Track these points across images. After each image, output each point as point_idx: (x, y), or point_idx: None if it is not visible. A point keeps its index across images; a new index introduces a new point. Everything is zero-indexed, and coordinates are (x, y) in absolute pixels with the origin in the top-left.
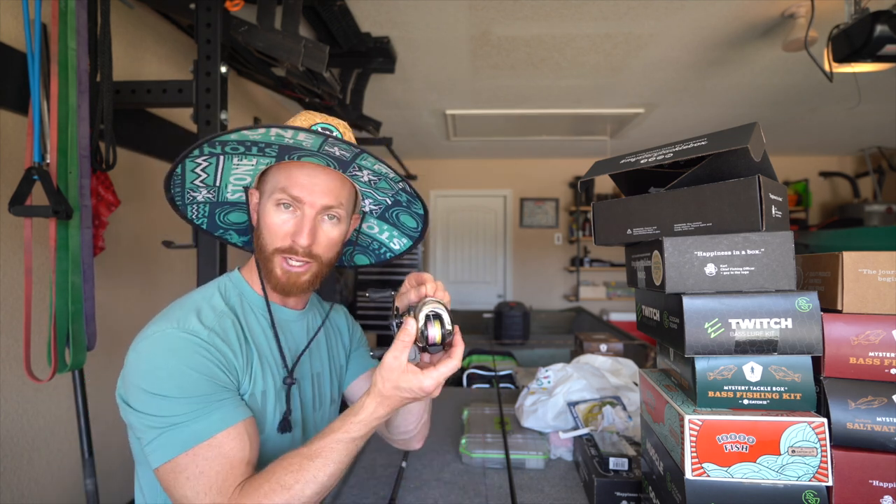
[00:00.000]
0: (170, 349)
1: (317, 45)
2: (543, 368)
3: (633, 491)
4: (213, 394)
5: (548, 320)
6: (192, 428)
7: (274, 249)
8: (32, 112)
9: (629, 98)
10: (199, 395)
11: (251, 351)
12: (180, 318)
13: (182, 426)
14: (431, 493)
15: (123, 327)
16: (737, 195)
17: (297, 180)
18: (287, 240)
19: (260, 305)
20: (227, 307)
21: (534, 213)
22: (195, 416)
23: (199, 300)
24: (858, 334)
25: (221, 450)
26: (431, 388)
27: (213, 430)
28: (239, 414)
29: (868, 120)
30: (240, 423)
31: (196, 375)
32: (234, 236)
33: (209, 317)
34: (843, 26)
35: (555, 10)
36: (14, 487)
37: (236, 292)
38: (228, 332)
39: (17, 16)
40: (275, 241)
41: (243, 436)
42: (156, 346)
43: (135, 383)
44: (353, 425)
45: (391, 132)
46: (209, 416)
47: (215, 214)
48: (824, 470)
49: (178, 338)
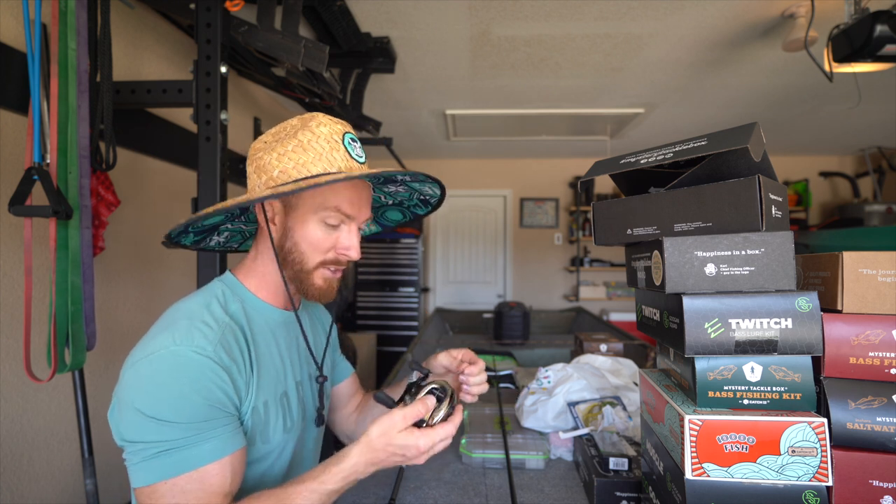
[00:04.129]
0: (172, 370)
1: (317, 45)
2: (543, 368)
3: (633, 491)
4: (210, 420)
5: (548, 320)
6: (179, 455)
7: (318, 263)
8: (32, 112)
9: (629, 98)
10: (196, 421)
11: (256, 361)
12: (182, 334)
13: (170, 453)
14: (431, 493)
15: (123, 327)
16: (737, 195)
17: (347, 198)
18: (332, 253)
19: (264, 311)
20: (228, 316)
21: (534, 213)
22: (186, 443)
23: (197, 310)
24: (858, 334)
25: (203, 483)
26: (424, 449)
27: (202, 461)
28: (231, 445)
29: (868, 120)
30: (229, 456)
31: (197, 400)
32: (190, 237)
33: (212, 331)
34: (843, 26)
35: (555, 10)
36: (14, 487)
37: (236, 299)
38: (232, 346)
39: (17, 16)
40: (318, 256)
41: (227, 469)
42: (157, 366)
43: (131, 405)
44: (331, 475)
45: (391, 132)
46: (200, 446)
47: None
48: (824, 470)
49: (181, 357)
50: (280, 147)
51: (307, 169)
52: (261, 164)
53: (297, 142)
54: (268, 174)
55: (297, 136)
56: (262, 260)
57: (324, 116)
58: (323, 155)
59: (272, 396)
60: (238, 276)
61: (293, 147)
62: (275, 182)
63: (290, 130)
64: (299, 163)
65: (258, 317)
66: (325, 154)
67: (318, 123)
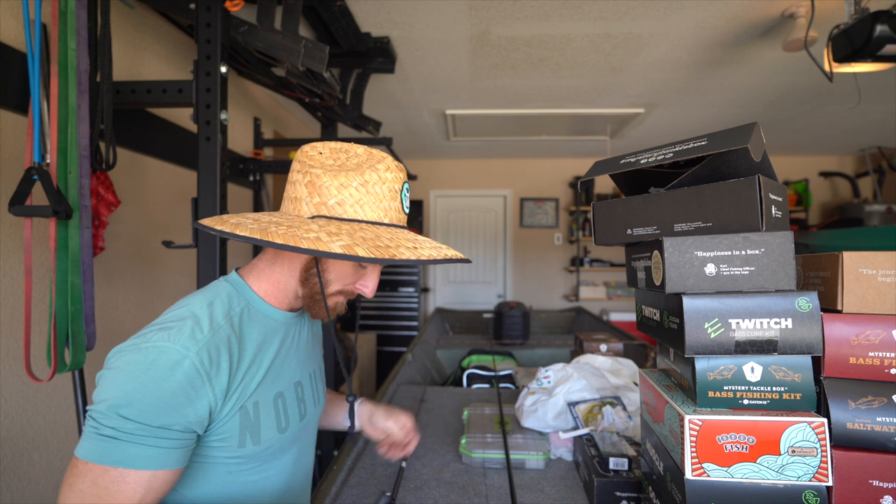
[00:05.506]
0: (152, 365)
1: (317, 45)
2: (543, 368)
3: (633, 491)
4: (164, 429)
5: (548, 320)
6: (114, 446)
7: (337, 291)
8: (32, 112)
9: (629, 98)
10: (150, 424)
11: (247, 364)
12: (174, 331)
13: (112, 441)
14: (431, 493)
15: (123, 327)
16: (737, 195)
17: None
18: (353, 286)
19: (268, 313)
20: (227, 318)
21: (534, 213)
22: (130, 439)
23: (197, 310)
24: (858, 334)
25: (112, 486)
26: None
27: (126, 462)
28: (164, 462)
29: (868, 120)
30: (153, 472)
31: (161, 405)
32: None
33: (202, 333)
34: (843, 26)
35: (555, 10)
36: (14, 487)
37: (241, 301)
38: (220, 350)
39: (17, 16)
40: (339, 286)
41: (143, 484)
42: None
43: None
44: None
45: (391, 132)
46: (136, 448)
47: None
48: (824, 470)
49: (164, 354)
50: (343, 177)
51: (363, 211)
52: (318, 184)
53: (362, 180)
54: (322, 198)
55: (364, 174)
56: (280, 269)
57: (391, 160)
58: (382, 203)
59: (264, 397)
60: (247, 279)
61: (357, 184)
62: (328, 211)
63: (356, 161)
64: (358, 202)
65: (260, 319)
66: (384, 202)
67: (387, 168)
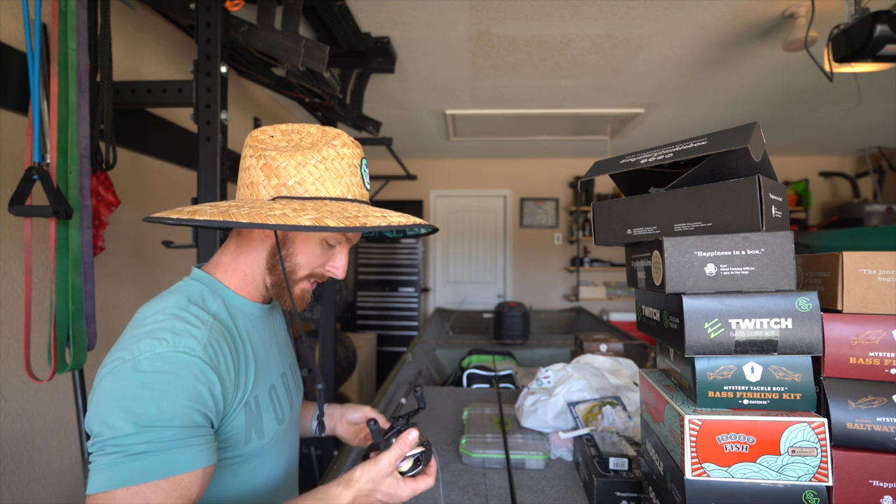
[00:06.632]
0: (161, 372)
1: (317, 45)
2: (543, 368)
3: (633, 491)
4: (196, 427)
5: (548, 320)
6: (154, 460)
7: (305, 276)
8: (32, 112)
9: (629, 98)
10: (182, 426)
11: (244, 357)
12: (168, 336)
13: (144, 456)
14: (431, 492)
15: (123, 327)
16: (737, 195)
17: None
18: (322, 268)
19: (245, 307)
20: (210, 316)
21: (534, 213)
22: (166, 447)
23: (177, 312)
24: (858, 334)
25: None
26: (405, 497)
27: (178, 469)
28: (209, 457)
29: (868, 120)
30: (202, 469)
31: (187, 403)
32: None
33: (199, 330)
34: (843, 26)
35: (555, 10)
36: (14, 487)
37: (216, 297)
38: (221, 345)
39: (17, 16)
40: (307, 269)
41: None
42: (144, 368)
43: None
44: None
45: (391, 132)
46: (180, 452)
47: None
48: (824, 470)
49: (171, 359)
50: (300, 156)
51: (325, 188)
52: (274, 165)
53: (320, 157)
54: (281, 179)
55: (322, 151)
56: (245, 260)
57: (346, 136)
58: (343, 178)
59: (262, 391)
60: (215, 275)
61: (316, 162)
62: (288, 191)
63: (311, 140)
64: (318, 179)
65: (240, 313)
66: (345, 178)
67: (343, 144)
